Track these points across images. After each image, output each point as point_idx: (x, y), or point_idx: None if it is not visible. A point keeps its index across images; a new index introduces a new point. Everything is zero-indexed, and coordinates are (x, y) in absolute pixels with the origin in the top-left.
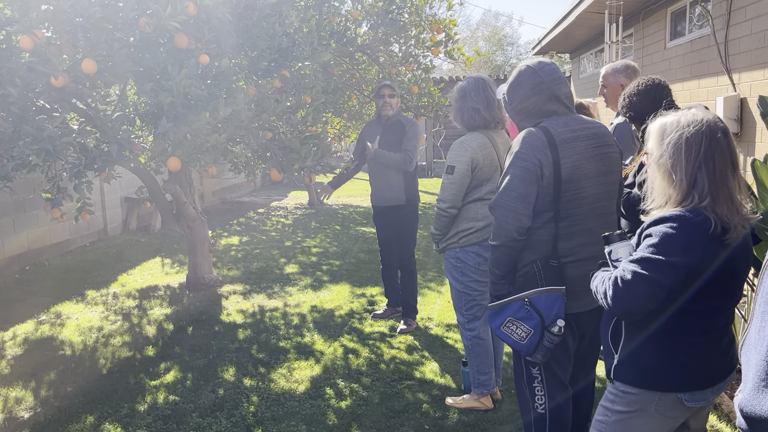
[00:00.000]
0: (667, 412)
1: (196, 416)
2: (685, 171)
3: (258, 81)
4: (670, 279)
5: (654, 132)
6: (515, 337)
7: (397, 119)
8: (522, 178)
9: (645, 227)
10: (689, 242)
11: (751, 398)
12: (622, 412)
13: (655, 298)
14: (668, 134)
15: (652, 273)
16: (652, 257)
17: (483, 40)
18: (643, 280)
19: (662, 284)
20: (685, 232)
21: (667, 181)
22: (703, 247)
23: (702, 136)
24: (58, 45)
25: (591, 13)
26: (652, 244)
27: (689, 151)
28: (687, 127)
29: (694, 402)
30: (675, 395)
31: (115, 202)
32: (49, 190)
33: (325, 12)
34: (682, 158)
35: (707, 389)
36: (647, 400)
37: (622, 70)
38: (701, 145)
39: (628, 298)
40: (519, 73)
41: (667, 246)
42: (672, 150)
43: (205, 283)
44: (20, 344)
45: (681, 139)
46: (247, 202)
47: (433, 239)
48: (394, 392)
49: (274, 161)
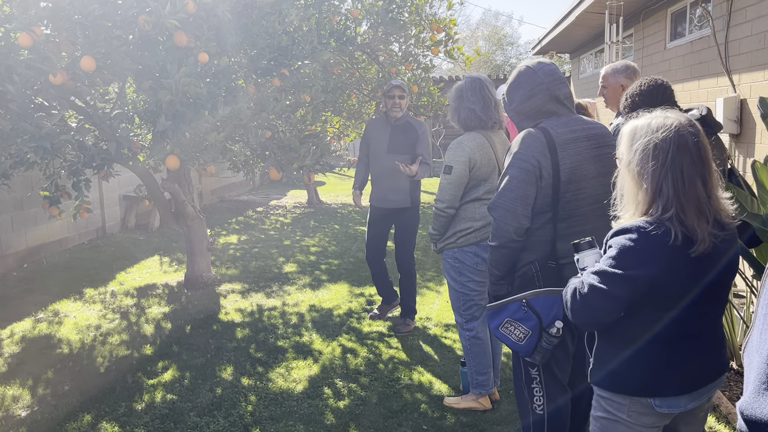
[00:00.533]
0: (640, 418)
1: (194, 415)
2: (651, 178)
3: (257, 79)
4: (626, 293)
5: (625, 135)
6: (513, 338)
7: (406, 120)
8: (521, 178)
9: (608, 237)
10: (648, 255)
11: (752, 401)
12: (601, 417)
13: (611, 311)
14: (637, 139)
15: (608, 287)
16: (609, 270)
17: (483, 40)
18: (599, 294)
19: (619, 298)
20: (644, 245)
21: (635, 187)
22: (662, 260)
23: (670, 142)
24: (56, 42)
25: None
26: (611, 256)
27: (656, 158)
28: (656, 132)
29: (666, 408)
30: (645, 400)
31: (114, 201)
32: (47, 188)
33: (325, 11)
34: (649, 165)
35: (682, 396)
36: (620, 404)
37: (622, 71)
38: (668, 152)
39: (585, 311)
40: (519, 73)
41: (625, 259)
42: (640, 156)
43: (204, 282)
44: (18, 342)
45: (649, 145)
46: (246, 201)
47: (431, 239)
48: (393, 392)
49: (273, 160)
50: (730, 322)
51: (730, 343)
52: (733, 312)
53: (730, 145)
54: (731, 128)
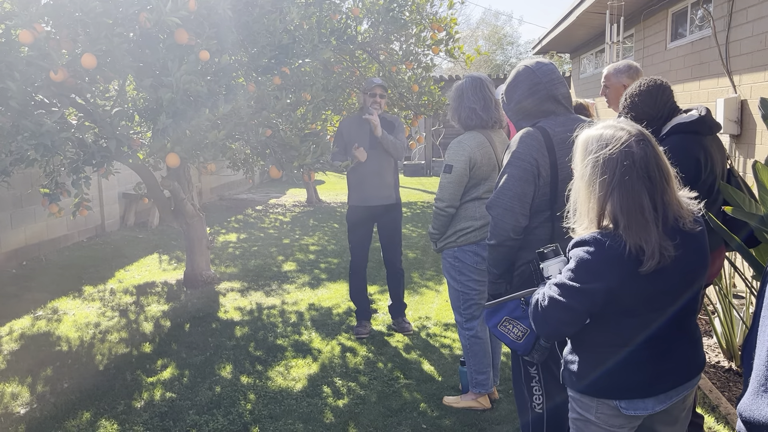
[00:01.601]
0: (608, 419)
1: (193, 413)
2: (599, 193)
3: (258, 78)
4: (585, 305)
5: (579, 146)
6: (512, 337)
7: (383, 117)
8: (519, 177)
9: (569, 248)
10: (604, 268)
11: (750, 403)
12: (575, 419)
13: (571, 323)
14: (589, 152)
15: (567, 299)
16: (567, 283)
17: (483, 39)
18: (558, 306)
19: (577, 310)
20: (601, 257)
21: (587, 200)
22: (619, 272)
23: (616, 160)
24: (57, 39)
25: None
26: (570, 268)
27: (604, 173)
28: (606, 147)
29: (633, 410)
30: (612, 402)
31: (113, 198)
32: (47, 185)
33: (326, 9)
34: (597, 180)
35: (649, 398)
36: (588, 405)
37: (625, 71)
38: (615, 168)
39: (545, 323)
40: (517, 73)
41: (582, 272)
42: (591, 170)
43: (203, 280)
44: (17, 340)
45: (599, 160)
46: (246, 200)
47: (431, 238)
48: (392, 391)
49: (273, 158)
50: (730, 322)
51: (729, 344)
52: (732, 312)
53: (730, 145)
54: (732, 129)
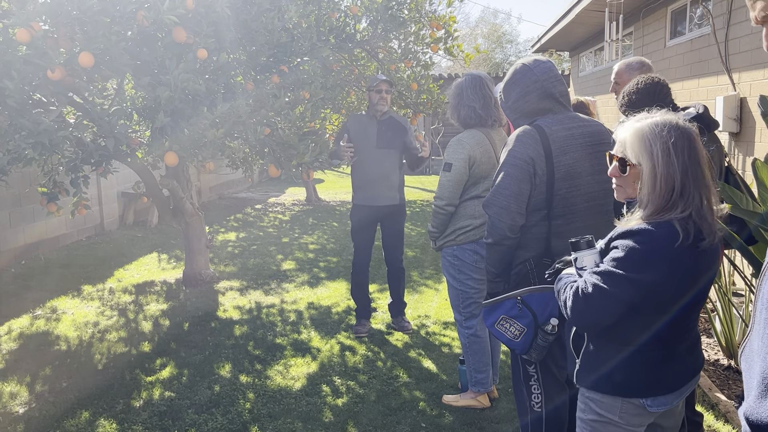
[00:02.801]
0: (631, 419)
1: (192, 412)
2: (679, 176)
3: (256, 76)
4: (630, 294)
5: (636, 138)
6: (509, 335)
7: (390, 116)
8: (514, 176)
9: (613, 238)
10: (654, 258)
11: (756, 406)
12: (592, 420)
13: (613, 313)
14: (654, 141)
15: (612, 288)
16: (614, 272)
17: (482, 38)
18: (602, 294)
19: (622, 299)
20: (651, 247)
21: (662, 188)
22: (667, 263)
23: (684, 141)
24: (55, 38)
25: (591, 11)
26: (616, 257)
27: (678, 157)
28: (669, 132)
29: (656, 407)
30: (638, 401)
31: (112, 197)
32: (45, 184)
33: (325, 7)
34: (673, 166)
35: (670, 393)
36: (611, 406)
37: (637, 67)
38: (685, 151)
39: (587, 311)
40: (515, 71)
41: (631, 261)
42: (664, 158)
43: (202, 279)
44: (15, 339)
45: (667, 146)
46: (245, 198)
47: (430, 237)
48: (391, 390)
49: (272, 157)
50: (729, 321)
51: (729, 342)
52: (732, 311)
53: (729, 143)
54: (731, 127)
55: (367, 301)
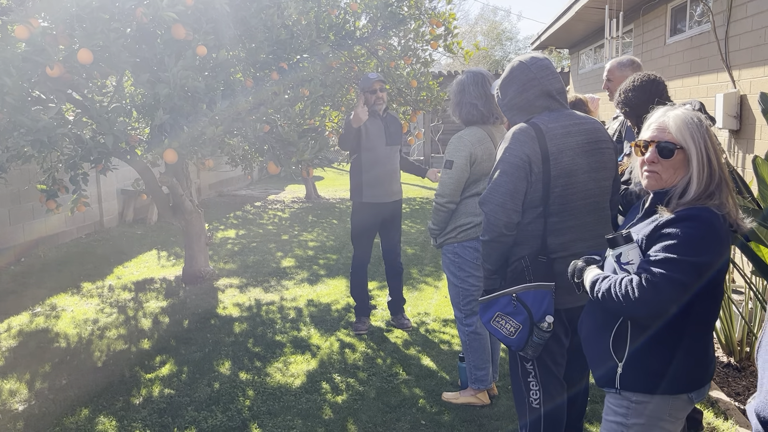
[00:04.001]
0: (678, 414)
1: (192, 410)
2: (717, 166)
3: (256, 73)
4: (694, 278)
5: (681, 123)
6: (504, 332)
7: (388, 113)
8: (510, 173)
9: (660, 225)
10: (708, 241)
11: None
12: (639, 424)
13: (680, 300)
14: (698, 126)
15: (677, 274)
16: (676, 258)
17: (481, 35)
18: (670, 282)
19: (688, 285)
20: (705, 231)
21: (705, 173)
22: (719, 245)
23: (711, 133)
24: (54, 35)
25: (591, 8)
26: (671, 244)
27: (715, 146)
28: (701, 122)
29: (699, 398)
30: (686, 395)
31: (112, 194)
32: (44, 181)
33: (324, 4)
34: (714, 155)
35: (707, 383)
36: (662, 405)
37: (629, 65)
38: (716, 140)
39: (656, 300)
40: (511, 68)
41: (690, 246)
42: (709, 145)
43: (202, 276)
44: (15, 336)
45: (708, 134)
46: (244, 196)
47: (430, 234)
48: (391, 387)
49: (271, 154)
50: (729, 318)
51: (729, 339)
52: (731, 308)
53: (729, 140)
54: (731, 124)
55: (367, 299)
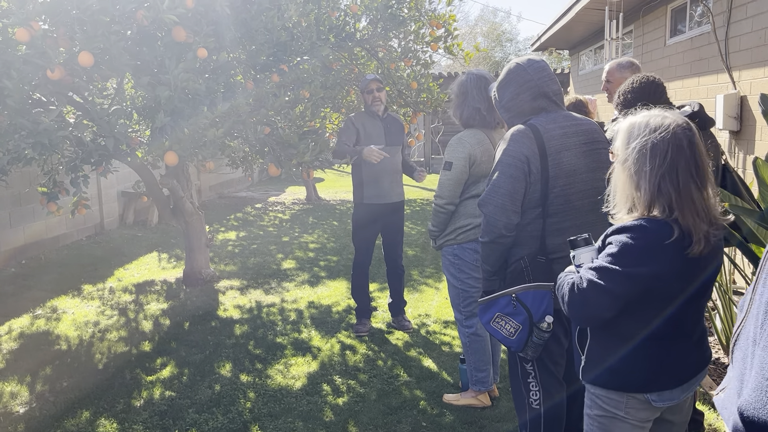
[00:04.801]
0: (637, 413)
1: (193, 412)
2: (649, 180)
3: (256, 75)
4: (625, 289)
5: (622, 132)
6: (504, 333)
7: (389, 114)
8: (509, 175)
9: (608, 234)
10: (648, 254)
11: (754, 401)
12: (598, 416)
13: (609, 307)
14: (634, 137)
15: (607, 283)
16: (609, 267)
17: (482, 36)
18: (597, 290)
19: (616, 294)
20: (645, 243)
21: (631, 186)
22: (662, 259)
23: (668, 144)
24: (54, 37)
25: (591, 10)
26: (610, 253)
27: (654, 159)
28: (654, 132)
29: (662, 402)
30: (642, 396)
31: (112, 197)
32: (45, 184)
33: (324, 6)
34: (646, 166)
35: (676, 388)
36: (617, 401)
37: (628, 66)
38: (666, 154)
39: (583, 306)
40: (508, 70)
41: (625, 256)
42: (636, 155)
43: (202, 278)
44: (16, 339)
45: (646, 145)
46: (245, 197)
47: (430, 236)
48: (391, 389)
49: (272, 156)
50: (730, 318)
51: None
52: (732, 309)
53: (730, 142)
54: (731, 125)
55: (368, 300)
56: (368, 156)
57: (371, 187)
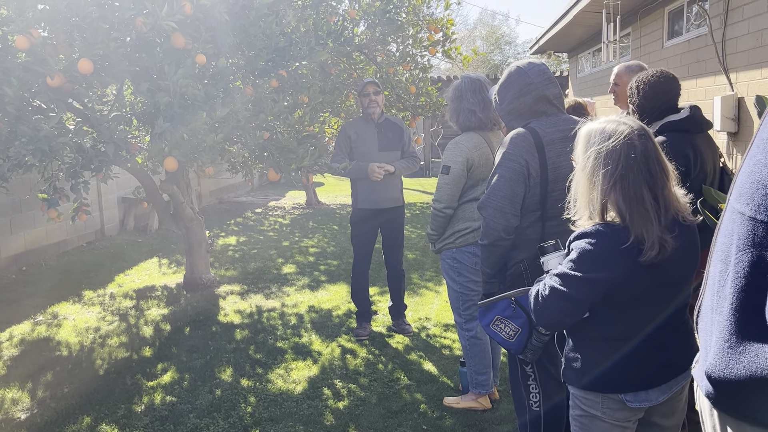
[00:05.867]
0: (614, 413)
1: (194, 417)
2: (602, 187)
3: (255, 81)
4: (585, 295)
5: (581, 138)
6: (504, 336)
7: (386, 118)
8: (509, 178)
9: (571, 240)
10: (606, 259)
11: (718, 362)
12: (578, 416)
13: (571, 313)
14: (591, 144)
15: (568, 289)
16: (569, 273)
17: (480, 40)
18: (559, 295)
19: (578, 300)
20: (603, 248)
21: (588, 192)
22: (621, 263)
23: (619, 153)
24: (54, 45)
25: (589, 13)
26: (571, 259)
27: (606, 166)
28: (608, 140)
29: (638, 403)
30: (617, 396)
31: (112, 203)
32: (45, 190)
33: (323, 11)
34: (599, 172)
35: (652, 389)
36: (593, 402)
37: (636, 69)
38: (618, 161)
39: (545, 312)
40: (509, 74)
41: (585, 262)
42: (592, 162)
43: (203, 284)
44: (17, 345)
45: (601, 152)
46: (245, 202)
47: (429, 240)
48: (392, 392)
49: (271, 161)
50: None
51: None
52: None
53: (728, 143)
54: (729, 126)
55: (368, 304)
56: (371, 174)
57: (364, 192)
